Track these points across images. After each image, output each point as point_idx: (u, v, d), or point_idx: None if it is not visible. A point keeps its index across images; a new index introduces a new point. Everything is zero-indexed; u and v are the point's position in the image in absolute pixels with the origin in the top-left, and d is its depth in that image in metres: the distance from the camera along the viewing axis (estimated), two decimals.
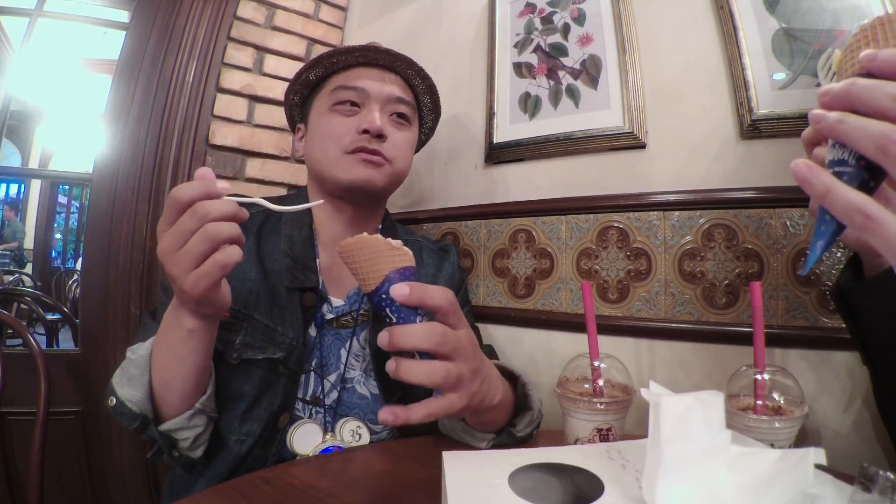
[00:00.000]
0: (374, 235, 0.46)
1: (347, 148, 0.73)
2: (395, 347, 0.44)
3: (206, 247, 0.46)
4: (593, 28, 0.93)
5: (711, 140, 0.79)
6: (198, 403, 0.59)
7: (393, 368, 0.45)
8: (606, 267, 0.86)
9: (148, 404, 0.58)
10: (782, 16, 0.75)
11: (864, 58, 0.32)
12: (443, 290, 0.47)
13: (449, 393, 0.47)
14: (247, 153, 1.28)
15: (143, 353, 0.59)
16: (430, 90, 0.84)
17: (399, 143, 0.77)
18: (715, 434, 0.35)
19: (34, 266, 3.34)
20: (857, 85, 0.31)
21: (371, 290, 0.46)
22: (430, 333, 0.45)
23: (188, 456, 0.61)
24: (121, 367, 0.61)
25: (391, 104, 0.77)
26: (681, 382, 0.78)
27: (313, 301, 0.72)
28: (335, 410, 0.71)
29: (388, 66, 0.78)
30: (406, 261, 0.47)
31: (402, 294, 0.44)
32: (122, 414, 0.57)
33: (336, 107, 0.75)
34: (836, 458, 0.58)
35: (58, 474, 1.12)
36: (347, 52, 0.76)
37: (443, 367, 0.45)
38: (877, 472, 0.31)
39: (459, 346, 0.47)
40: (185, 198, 0.46)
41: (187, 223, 0.46)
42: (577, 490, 0.43)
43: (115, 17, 1.35)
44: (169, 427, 0.58)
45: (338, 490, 0.52)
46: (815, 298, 0.69)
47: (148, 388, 0.58)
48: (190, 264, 0.46)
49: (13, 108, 1.34)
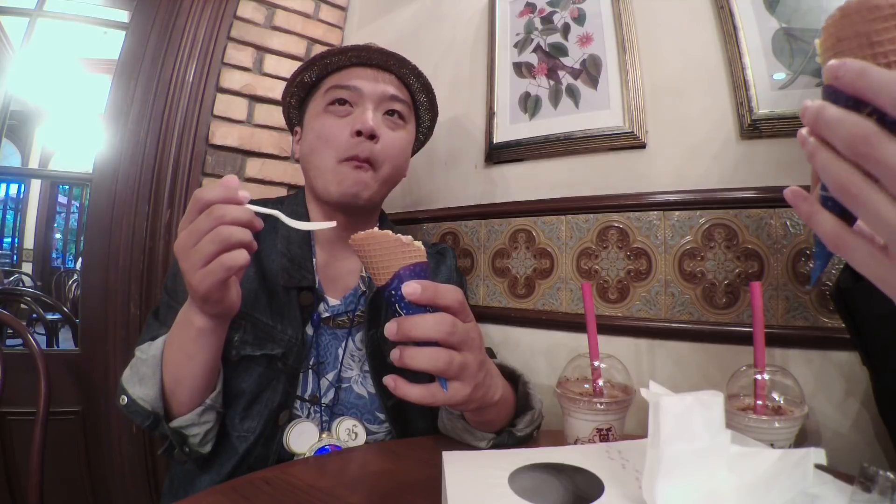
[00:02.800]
0: (385, 231, 0.45)
1: (341, 156, 0.72)
2: (404, 337, 0.45)
3: (216, 247, 0.48)
4: (593, 28, 0.93)
5: (711, 140, 0.79)
6: (208, 400, 0.60)
7: (397, 356, 0.45)
8: (606, 267, 0.86)
9: (160, 402, 0.59)
10: (782, 16, 0.75)
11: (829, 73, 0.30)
12: (454, 290, 0.47)
13: (453, 381, 0.47)
14: (247, 153, 1.28)
15: (154, 352, 0.60)
16: (425, 89, 0.83)
17: (393, 143, 0.76)
18: (715, 434, 0.35)
19: (34, 266, 3.34)
20: (822, 118, 0.30)
21: (382, 285, 0.46)
22: (441, 322, 0.45)
23: (198, 451, 0.62)
24: (130, 366, 0.63)
25: (385, 102, 0.76)
26: (681, 382, 0.78)
27: (310, 300, 0.72)
28: (332, 410, 0.71)
29: (381, 65, 0.78)
30: (418, 256, 0.46)
31: (413, 292, 0.44)
32: (135, 412, 0.59)
33: (330, 107, 0.75)
34: (836, 458, 0.58)
35: (58, 474, 1.12)
36: (341, 53, 0.76)
37: (447, 353, 0.45)
38: (877, 472, 0.31)
39: (468, 337, 0.47)
40: (205, 199, 0.49)
41: (202, 223, 0.48)
42: (577, 490, 0.43)
43: (115, 17, 1.35)
44: (180, 424, 0.59)
45: (338, 490, 0.52)
46: (815, 298, 0.69)
47: (160, 386, 0.59)
48: (199, 262, 0.48)
49: (13, 108, 1.34)
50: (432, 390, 0.46)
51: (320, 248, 0.78)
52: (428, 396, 0.46)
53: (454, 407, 0.58)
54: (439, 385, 0.47)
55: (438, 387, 0.47)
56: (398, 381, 0.46)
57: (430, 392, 0.46)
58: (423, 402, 0.46)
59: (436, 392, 0.46)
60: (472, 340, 0.48)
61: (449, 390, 0.47)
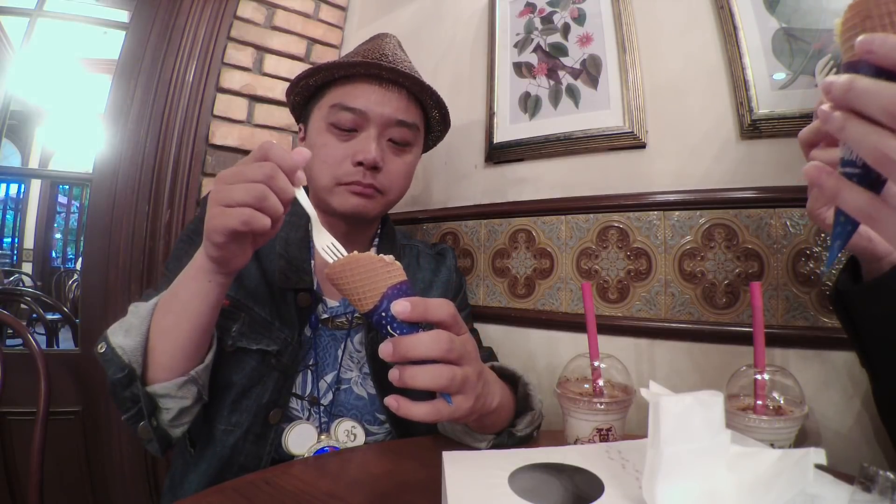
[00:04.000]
0: (366, 253, 0.44)
1: (341, 179, 0.71)
2: (401, 358, 0.44)
3: (247, 198, 0.46)
4: (593, 28, 0.93)
5: (711, 140, 0.79)
6: (192, 371, 0.57)
7: (396, 377, 0.44)
8: (606, 267, 0.86)
9: (139, 356, 0.56)
10: (782, 16, 0.75)
11: (861, 47, 0.30)
12: (444, 304, 0.46)
13: (457, 395, 0.46)
14: (247, 153, 1.27)
15: (147, 306, 0.58)
16: (438, 105, 0.80)
17: (397, 171, 0.75)
18: (715, 434, 0.35)
19: (34, 266, 3.34)
20: (855, 89, 0.30)
21: (369, 310, 0.45)
22: (438, 340, 0.44)
23: (166, 430, 0.59)
24: (120, 320, 0.60)
25: (390, 128, 0.73)
26: (681, 382, 0.78)
27: (307, 301, 0.72)
28: (330, 411, 0.71)
29: (392, 80, 0.74)
30: (400, 276, 0.45)
31: (403, 311, 0.43)
32: (110, 361, 0.55)
33: (332, 127, 0.72)
34: (836, 458, 0.58)
35: (58, 474, 1.12)
36: (350, 66, 0.72)
37: (448, 370, 0.45)
38: (877, 472, 0.31)
39: (465, 351, 0.47)
40: (269, 153, 0.47)
41: (249, 171, 0.47)
42: (577, 490, 0.43)
43: (115, 17, 1.36)
44: (156, 390, 0.56)
45: (338, 490, 0.52)
46: (815, 298, 0.69)
47: (143, 339, 0.56)
48: (222, 200, 0.47)
49: (13, 108, 1.34)
50: (437, 406, 0.45)
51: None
52: (434, 413, 0.45)
53: (458, 420, 0.57)
54: (444, 400, 0.46)
55: (443, 402, 0.46)
56: (401, 401, 0.45)
57: (435, 409, 0.45)
58: (429, 420, 0.45)
59: (441, 408, 0.46)
60: (469, 353, 0.48)
61: (454, 403, 0.46)
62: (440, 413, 0.46)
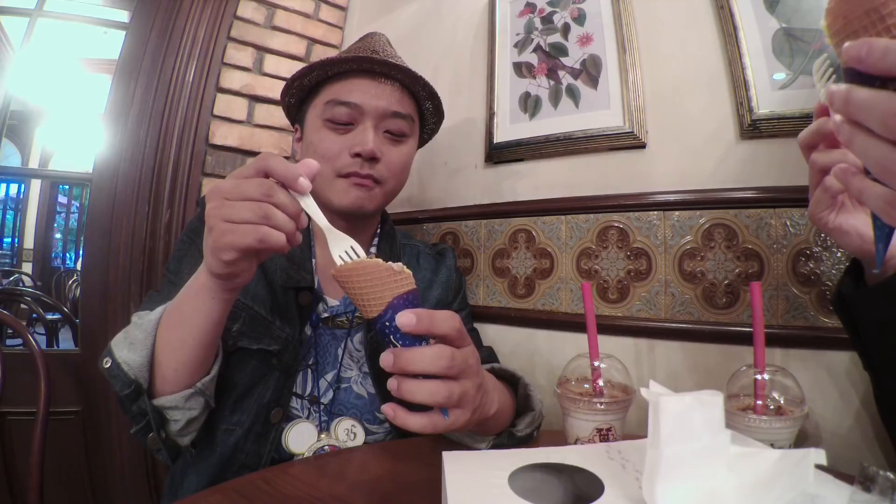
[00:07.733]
0: (375, 260, 0.43)
1: (340, 171, 0.72)
2: (401, 371, 0.43)
3: (249, 216, 0.44)
4: (593, 28, 0.93)
5: (711, 140, 0.79)
6: (199, 383, 0.57)
7: (395, 387, 0.44)
8: (606, 267, 0.86)
9: (145, 371, 0.55)
10: (782, 16, 0.75)
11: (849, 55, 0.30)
12: (450, 318, 0.45)
13: (454, 409, 0.46)
14: (247, 153, 1.28)
15: (151, 318, 0.57)
16: (431, 96, 0.81)
17: (395, 161, 0.75)
18: (715, 434, 0.35)
19: (34, 266, 3.34)
20: (853, 102, 0.30)
21: (373, 317, 0.44)
22: (439, 357, 0.44)
23: (175, 441, 0.59)
24: (124, 330, 0.59)
25: (386, 120, 0.74)
26: (681, 382, 0.78)
27: (308, 300, 0.72)
28: (330, 410, 0.71)
29: (384, 73, 0.75)
30: (408, 285, 0.44)
31: (408, 323, 0.42)
32: (116, 377, 0.55)
33: (329, 122, 0.73)
34: (836, 458, 0.58)
35: (58, 474, 1.12)
36: (342, 63, 0.73)
37: (446, 387, 0.44)
38: (877, 472, 0.31)
39: (466, 365, 0.46)
40: (265, 165, 0.45)
41: (249, 187, 0.45)
42: (577, 490, 0.43)
43: (115, 17, 1.35)
44: (163, 403, 0.56)
45: (338, 490, 0.52)
46: (815, 298, 0.69)
47: (149, 353, 0.55)
48: (225, 216, 0.45)
49: (13, 108, 1.34)
50: (433, 420, 0.45)
51: (320, 248, 0.78)
52: (429, 426, 0.45)
53: (454, 432, 0.56)
54: (440, 414, 0.45)
55: (440, 416, 0.45)
56: (397, 410, 0.44)
57: (431, 421, 0.45)
58: (425, 432, 0.45)
59: (437, 421, 0.45)
60: (470, 367, 0.47)
61: (450, 417, 0.45)
62: (436, 426, 0.45)
